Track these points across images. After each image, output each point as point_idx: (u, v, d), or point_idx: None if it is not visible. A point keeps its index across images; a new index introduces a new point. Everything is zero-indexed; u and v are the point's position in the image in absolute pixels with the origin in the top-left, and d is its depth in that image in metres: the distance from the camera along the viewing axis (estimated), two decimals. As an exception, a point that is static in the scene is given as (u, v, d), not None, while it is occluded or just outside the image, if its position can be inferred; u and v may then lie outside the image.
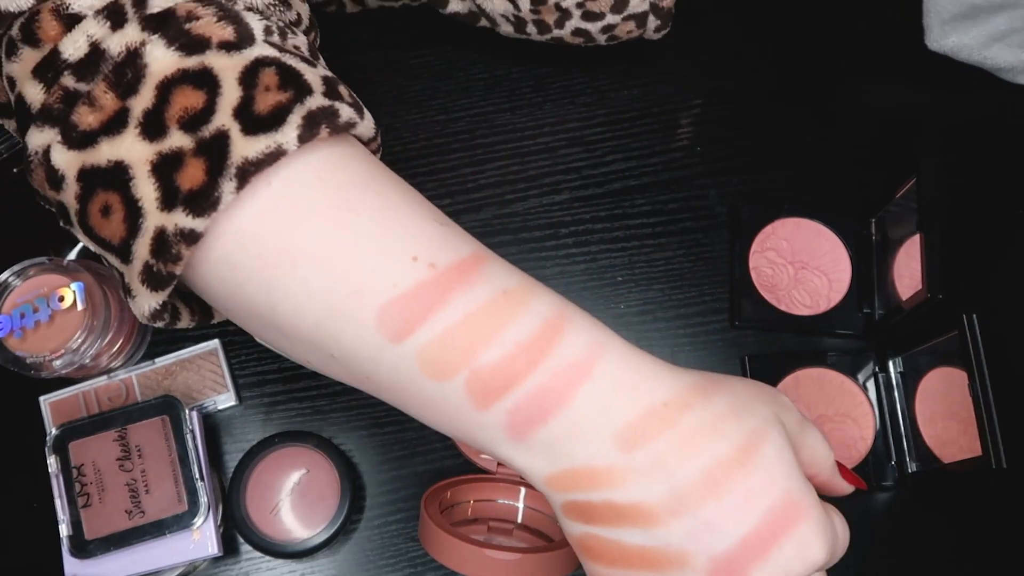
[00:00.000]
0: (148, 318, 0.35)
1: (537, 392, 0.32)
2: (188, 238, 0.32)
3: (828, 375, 0.60)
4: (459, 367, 0.32)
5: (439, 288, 0.32)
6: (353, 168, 0.34)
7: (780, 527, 0.32)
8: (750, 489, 0.32)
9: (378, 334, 0.32)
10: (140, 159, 0.32)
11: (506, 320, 0.32)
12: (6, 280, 0.54)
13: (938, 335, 0.55)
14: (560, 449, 0.32)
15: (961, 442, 0.55)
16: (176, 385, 0.59)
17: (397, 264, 0.32)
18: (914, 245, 0.54)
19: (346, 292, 0.32)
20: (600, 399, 0.32)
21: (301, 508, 0.56)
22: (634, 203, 0.63)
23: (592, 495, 0.32)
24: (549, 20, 0.58)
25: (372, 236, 0.33)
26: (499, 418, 0.32)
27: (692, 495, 0.31)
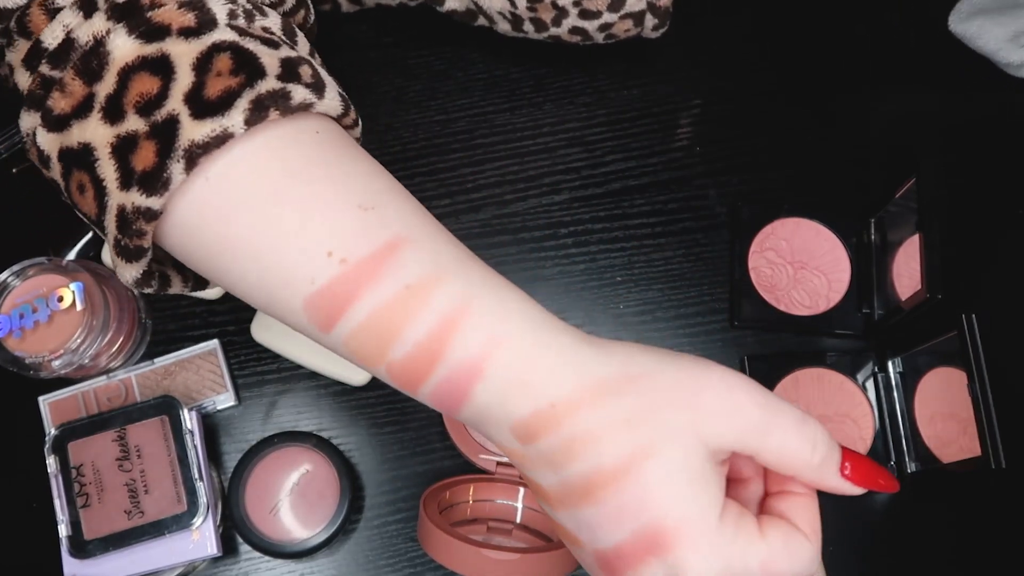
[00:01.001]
0: (135, 285, 0.38)
1: (443, 386, 0.34)
2: (146, 215, 0.34)
3: (827, 375, 0.60)
4: (378, 361, 0.34)
5: (350, 284, 0.34)
6: (295, 152, 0.35)
7: (650, 548, 0.31)
8: (623, 504, 0.32)
9: (310, 323, 0.35)
10: (103, 141, 0.34)
11: (405, 319, 0.33)
12: (5, 280, 0.54)
13: (937, 335, 0.55)
14: (482, 428, 0.35)
15: (960, 442, 0.54)
16: (175, 385, 0.59)
17: (315, 260, 0.34)
18: (913, 245, 0.54)
19: (277, 283, 0.35)
20: (496, 395, 0.33)
21: (300, 508, 0.56)
22: (634, 203, 0.63)
23: (511, 467, 0.36)
24: (546, 18, 0.58)
25: (293, 231, 0.34)
26: (427, 398, 0.35)
27: (574, 495, 0.32)
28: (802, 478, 0.35)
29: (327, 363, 0.58)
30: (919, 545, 0.58)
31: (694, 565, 0.31)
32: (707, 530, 0.32)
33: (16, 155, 0.59)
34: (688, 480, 0.32)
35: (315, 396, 0.59)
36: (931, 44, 0.66)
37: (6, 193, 0.60)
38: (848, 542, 0.58)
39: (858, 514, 0.59)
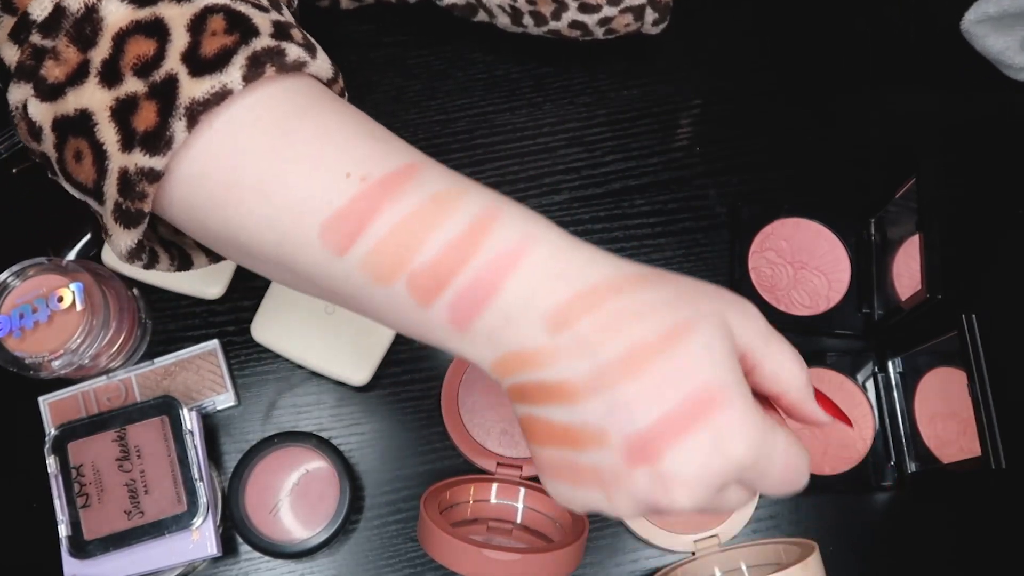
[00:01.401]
0: (126, 256, 0.38)
1: (470, 286, 0.33)
2: (149, 176, 0.34)
3: (827, 375, 0.60)
4: (398, 272, 0.34)
5: (371, 200, 0.34)
6: (294, 100, 0.36)
7: (697, 414, 0.31)
8: (669, 373, 0.32)
9: (324, 251, 0.34)
10: (101, 105, 0.35)
11: (434, 223, 0.34)
12: (5, 280, 0.54)
13: (937, 335, 0.55)
14: (497, 337, 0.34)
15: (960, 442, 0.55)
16: (175, 385, 0.59)
17: (331, 183, 0.34)
18: (913, 245, 0.54)
19: (289, 218, 0.35)
20: (528, 286, 0.33)
21: (300, 508, 0.56)
22: (634, 203, 0.63)
23: (527, 376, 0.34)
24: (545, 11, 0.58)
25: (307, 161, 0.35)
26: (442, 314, 0.34)
27: (612, 373, 0.32)
28: (788, 397, 0.36)
29: (327, 363, 0.58)
30: (919, 545, 0.58)
31: (740, 428, 0.32)
32: (747, 400, 0.32)
33: (16, 155, 0.59)
34: (727, 354, 0.33)
35: (315, 396, 0.59)
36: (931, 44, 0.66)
37: (6, 193, 0.60)
38: (848, 542, 0.58)
39: (858, 514, 0.59)
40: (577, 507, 0.35)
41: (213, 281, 0.59)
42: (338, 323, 0.58)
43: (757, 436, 0.32)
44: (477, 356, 0.35)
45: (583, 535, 0.50)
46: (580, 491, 0.34)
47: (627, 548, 0.58)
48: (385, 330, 0.58)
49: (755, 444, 0.32)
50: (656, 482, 0.32)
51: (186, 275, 0.59)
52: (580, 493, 0.34)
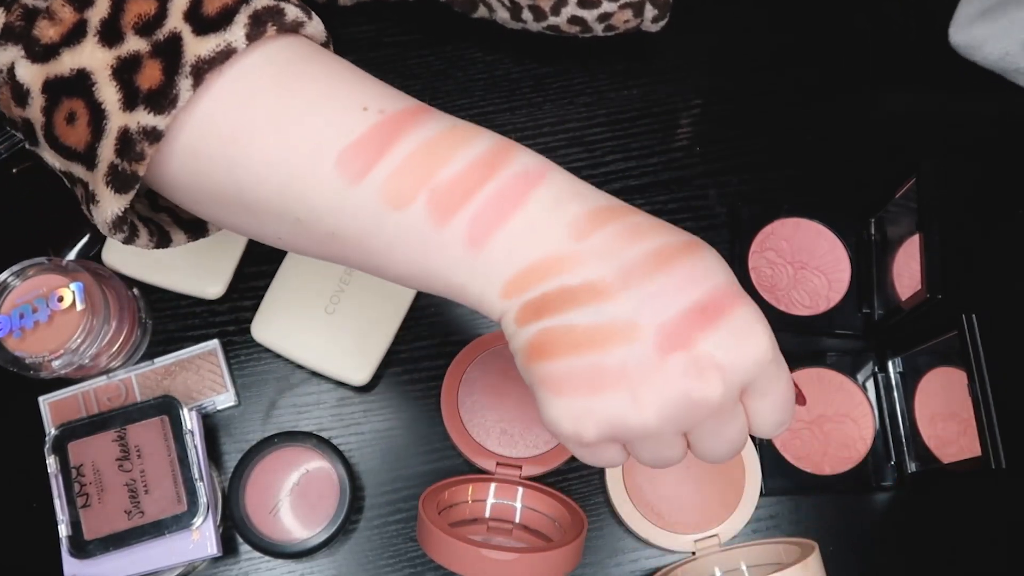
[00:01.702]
0: (110, 226, 0.37)
1: (494, 196, 0.34)
2: (151, 136, 0.34)
3: (828, 375, 0.60)
4: (418, 189, 0.34)
5: (391, 128, 0.35)
6: (298, 52, 0.37)
7: (724, 304, 0.33)
8: (695, 269, 0.34)
9: (338, 180, 0.35)
10: (101, 65, 0.34)
11: (458, 145, 0.35)
12: (5, 280, 0.54)
13: (938, 335, 0.55)
14: (518, 248, 0.34)
15: (961, 442, 0.54)
16: (175, 385, 0.59)
17: (348, 115, 0.35)
18: (913, 245, 0.54)
19: (304, 151, 0.35)
20: (553, 199, 0.35)
21: (300, 508, 0.56)
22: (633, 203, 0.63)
23: (549, 284, 0.34)
24: (545, 6, 0.58)
25: (321, 97, 0.36)
26: (459, 230, 0.34)
27: (640, 269, 0.34)
28: None
29: (327, 363, 0.58)
30: (919, 545, 0.58)
31: (761, 323, 0.34)
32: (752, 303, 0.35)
33: (16, 155, 0.59)
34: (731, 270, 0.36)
35: (315, 396, 0.60)
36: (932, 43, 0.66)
37: (6, 193, 0.60)
38: (848, 542, 0.58)
39: (858, 514, 0.59)
40: (591, 423, 0.34)
41: (213, 281, 0.59)
42: (338, 323, 0.58)
43: (772, 335, 0.34)
44: (487, 278, 0.35)
45: (582, 535, 0.50)
46: (599, 398, 0.33)
47: (627, 548, 0.58)
48: (385, 330, 0.58)
49: (772, 340, 0.34)
50: (691, 367, 0.33)
51: (186, 275, 0.59)
52: (599, 401, 0.33)
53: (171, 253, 0.59)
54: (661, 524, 0.57)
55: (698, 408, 0.33)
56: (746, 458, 0.58)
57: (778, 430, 0.36)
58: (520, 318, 0.35)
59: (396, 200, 0.34)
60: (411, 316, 0.59)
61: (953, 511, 0.59)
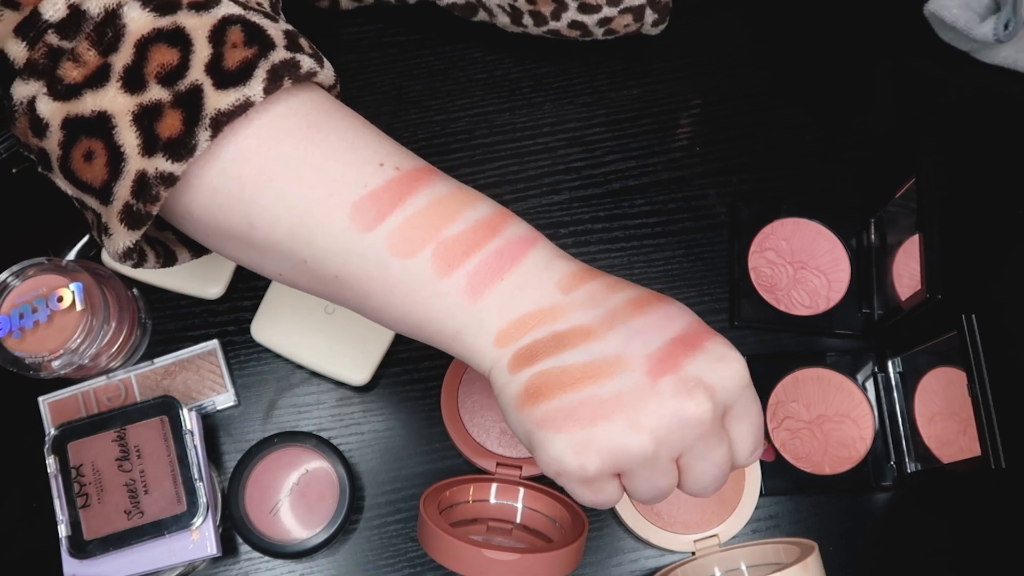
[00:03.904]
0: (120, 256, 0.39)
1: (495, 255, 0.38)
2: (167, 181, 0.36)
3: (827, 375, 0.60)
4: (426, 242, 0.37)
5: (404, 185, 0.38)
6: (317, 103, 0.39)
7: (701, 336, 0.38)
8: (668, 311, 0.38)
9: (350, 228, 0.37)
10: (122, 110, 0.36)
11: (465, 205, 0.38)
12: (5, 280, 0.54)
13: (937, 335, 0.55)
14: (512, 300, 0.38)
15: (960, 442, 0.54)
16: (175, 385, 0.59)
17: (365, 169, 0.38)
18: (913, 245, 0.54)
19: (319, 197, 0.37)
20: (544, 260, 0.39)
21: (300, 508, 0.56)
22: (633, 203, 0.63)
23: (538, 332, 0.37)
24: (545, 11, 0.58)
25: (340, 150, 0.38)
26: (460, 281, 0.37)
27: (622, 313, 0.38)
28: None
29: (327, 363, 0.58)
30: (919, 545, 0.58)
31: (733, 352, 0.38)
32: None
33: (16, 155, 0.59)
34: None
35: (315, 396, 0.60)
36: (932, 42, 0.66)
37: (6, 193, 0.60)
38: (848, 542, 0.58)
39: (858, 514, 0.59)
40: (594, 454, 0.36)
41: (213, 281, 0.59)
42: (338, 323, 0.58)
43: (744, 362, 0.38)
44: (480, 326, 0.38)
45: (583, 535, 0.50)
46: (599, 428, 0.36)
47: (627, 548, 0.58)
48: (385, 330, 0.58)
49: (745, 367, 0.38)
50: (681, 387, 0.36)
51: (186, 275, 0.59)
52: (599, 430, 0.36)
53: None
54: (661, 524, 0.57)
55: (690, 426, 0.36)
56: (746, 458, 0.58)
57: (753, 456, 0.39)
58: (512, 365, 0.37)
59: (404, 250, 0.37)
60: (411, 316, 0.59)
61: (953, 511, 0.59)
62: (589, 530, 0.54)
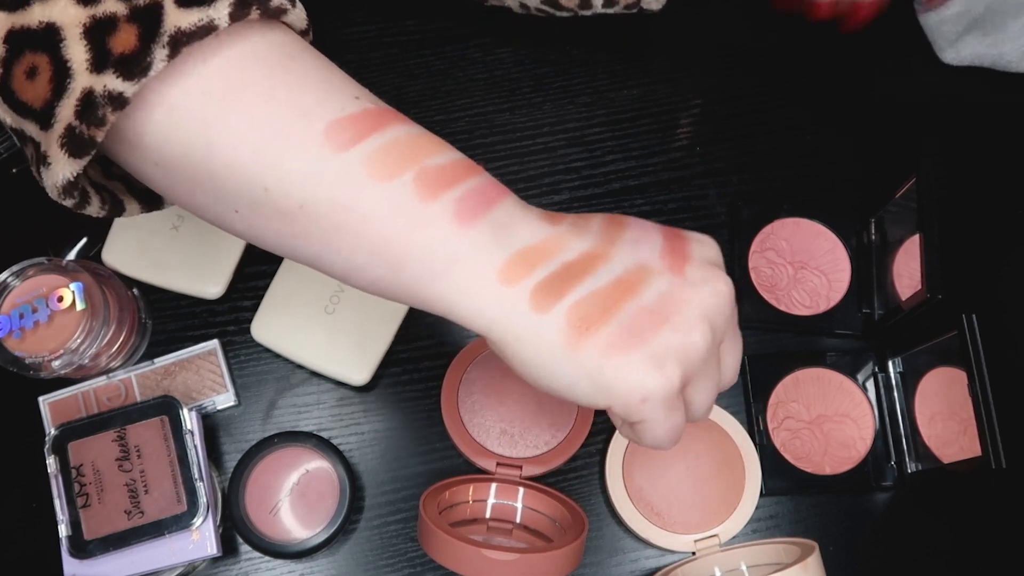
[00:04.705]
0: (60, 191, 0.36)
1: (478, 189, 0.36)
2: (115, 101, 0.33)
3: (828, 375, 0.60)
4: (408, 167, 0.35)
5: (383, 117, 0.36)
6: (288, 41, 0.37)
7: (674, 231, 0.40)
8: (638, 221, 0.40)
9: (324, 146, 0.35)
10: (73, 22, 0.33)
11: (443, 146, 0.37)
12: (5, 280, 0.54)
13: (938, 335, 0.55)
14: (506, 233, 0.36)
15: (961, 442, 0.54)
16: (175, 385, 0.59)
17: (342, 97, 0.36)
18: (913, 245, 0.54)
19: (292, 116, 0.35)
20: (518, 202, 0.38)
21: (300, 508, 0.56)
22: (634, 203, 0.63)
23: (550, 265, 0.36)
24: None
25: (315, 78, 0.36)
26: (446, 207, 0.35)
27: (611, 232, 0.38)
28: None
29: (327, 363, 0.58)
30: (919, 545, 0.58)
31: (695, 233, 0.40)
32: None
33: (16, 155, 0.59)
34: None
35: (315, 396, 0.60)
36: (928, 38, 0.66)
37: (6, 193, 0.60)
38: (848, 542, 0.58)
39: (858, 514, 0.59)
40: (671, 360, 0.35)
41: (213, 281, 0.59)
42: (338, 323, 0.58)
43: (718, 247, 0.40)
44: (478, 259, 0.35)
45: (583, 535, 0.50)
46: (664, 332, 0.35)
47: (626, 548, 0.58)
48: (385, 330, 0.58)
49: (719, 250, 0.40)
50: (702, 270, 0.37)
51: (186, 275, 0.59)
52: (665, 335, 0.35)
53: (171, 253, 0.59)
54: (661, 524, 0.57)
55: (726, 302, 0.37)
56: (746, 458, 0.58)
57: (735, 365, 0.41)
58: (537, 304, 0.35)
59: (382, 172, 0.35)
60: (411, 316, 0.59)
61: (953, 511, 0.59)
62: (589, 530, 0.54)
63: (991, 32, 0.59)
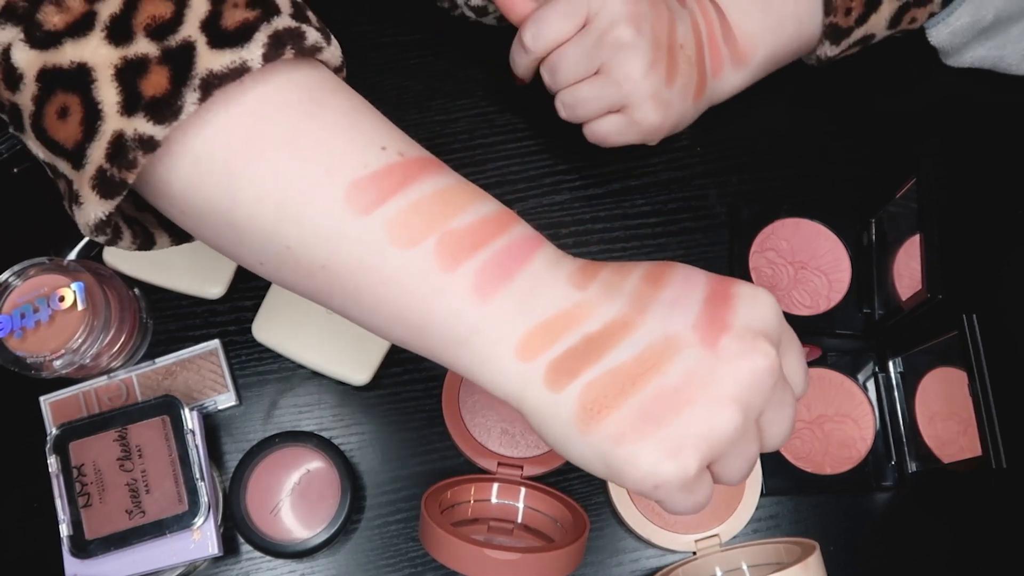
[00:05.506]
0: (92, 229, 0.36)
1: (504, 251, 0.35)
2: (146, 145, 0.33)
3: (828, 375, 0.60)
4: (429, 232, 0.34)
5: (409, 170, 0.35)
6: (320, 80, 0.36)
7: (725, 287, 0.35)
8: (684, 276, 0.36)
9: (346, 208, 0.34)
10: (104, 63, 0.33)
11: (472, 199, 0.36)
12: (6, 280, 0.54)
13: (938, 335, 0.55)
14: (529, 303, 0.34)
15: (961, 442, 0.55)
16: (176, 385, 0.59)
17: (368, 150, 0.35)
18: (914, 245, 0.54)
19: (315, 172, 0.34)
20: (552, 259, 0.36)
21: (301, 508, 0.56)
22: (634, 203, 0.63)
23: (570, 339, 0.34)
24: None
25: (342, 127, 0.35)
26: (466, 279, 0.34)
27: (646, 293, 0.35)
28: None
29: (328, 363, 0.58)
30: (919, 545, 0.58)
31: (754, 285, 0.36)
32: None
33: (16, 155, 0.59)
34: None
35: (316, 396, 0.60)
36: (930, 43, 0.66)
37: (6, 193, 0.60)
38: (848, 542, 0.58)
39: (858, 514, 0.59)
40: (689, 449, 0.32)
41: (214, 281, 0.59)
42: (339, 323, 0.58)
43: (768, 290, 0.36)
44: (496, 333, 0.34)
45: (584, 535, 0.51)
46: (684, 418, 0.33)
47: (627, 548, 0.58)
48: (386, 330, 0.58)
49: (772, 295, 0.36)
50: (741, 343, 0.33)
51: (187, 275, 0.59)
52: (685, 421, 0.33)
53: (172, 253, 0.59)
54: (662, 524, 0.57)
55: (765, 378, 0.33)
56: (747, 458, 0.58)
57: (806, 384, 0.37)
58: (551, 382, 0.34)
59: (404, 238, 0.34)
60: (412, 316, 0.59)
61: (953, 511, 0.59)
62: (590, 530, 0.54)
63: (993, 35, 0.60)
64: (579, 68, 0.51)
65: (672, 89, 0.51)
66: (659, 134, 0.53)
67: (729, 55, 0.54)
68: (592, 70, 0.51)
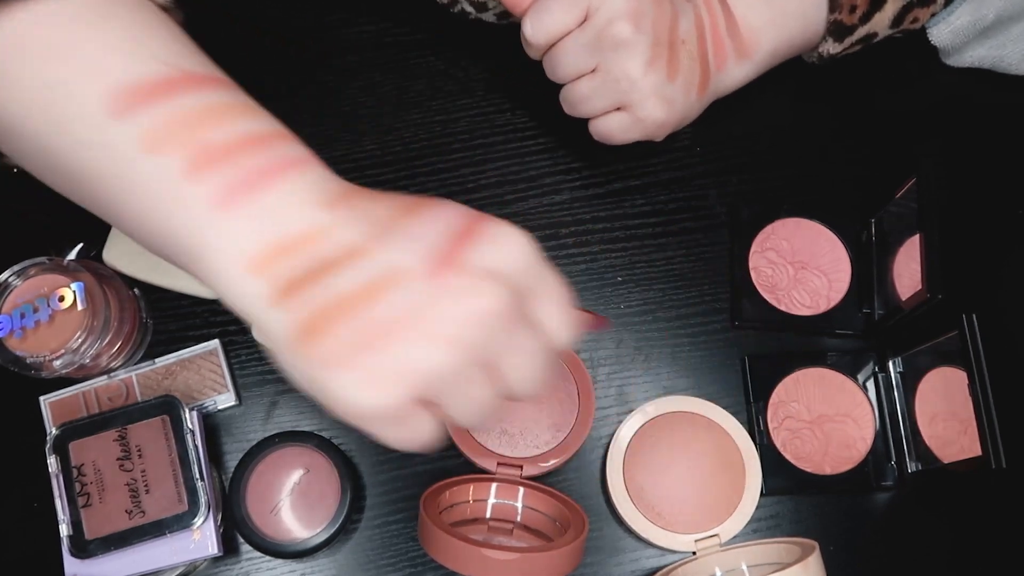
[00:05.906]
0: None
1: (256, 168, 0.33)
2: None
3: (828, 375, 0.60)
4: (178, 139, 0.33)
5: (183, 84, 0.34)
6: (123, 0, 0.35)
7: (478, 224, 0.34)
8: (440, 210, 0.34)
9: (102, 113, 0.33)
10: None
11: (239, 116, 0.34)
12: (6, 280, 0.54)
13: (938, 335, 0.55)
14: (268, 219, 0.33)
15: (961, 442, 0.54)
16: (176, 385, 0.59)
17: (140, 61, 0.34)
18: (914, 245, 0.54)
19: (78, 76, 0.33)
20: (313, 179, 0.34)
21: (301, 508, 0.56)
22: (634, 203, 0.63)
23: (301, 258, 0.32)
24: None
25: (121, 39, 0.34)
26: (209, 188, 0.33)
27: (391, 221, 0.33)
28: None
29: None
30: (919, 545, 0.58)
31: (514, 227, 0.34)
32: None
33: (17, 155, 0.59)
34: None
35: (316, 396, 0.59)
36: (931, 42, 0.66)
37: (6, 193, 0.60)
38: (848, 542, 0.58)
39: (858, 514, 0.59)
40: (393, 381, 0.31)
41: (214, 281, 0.59)
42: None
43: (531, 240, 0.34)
44: (227, 247, 0.33)
45: (583, 535, 0.51)
46: (391, 350, 0.31)
47: (627, 548, 0.58)
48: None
49: (533, 243, 0.34)
50: (465, 283, 0.32)
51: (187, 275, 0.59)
52: (391, 353, 0.31)
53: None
54: (662, 524, 0.57)
55: (487, 321, 0.32)
56: (746, 458, 0.58)
57: (571, 333, 0.35)
58: (273, 298, 0.33)
59: (152, 144, 0.33)
60: (412, 316, 0.59)
61: (953, 511, 0.59)
62: (589, 530, 0.54)
63: (993, 35, 0.60)
64: (578, 63, 0.51)
65: (674, 85, 0.51)
66: (664, 130, 0.53)
67: (733, 48, 0.54)
68: (591, 66, 0.51)
